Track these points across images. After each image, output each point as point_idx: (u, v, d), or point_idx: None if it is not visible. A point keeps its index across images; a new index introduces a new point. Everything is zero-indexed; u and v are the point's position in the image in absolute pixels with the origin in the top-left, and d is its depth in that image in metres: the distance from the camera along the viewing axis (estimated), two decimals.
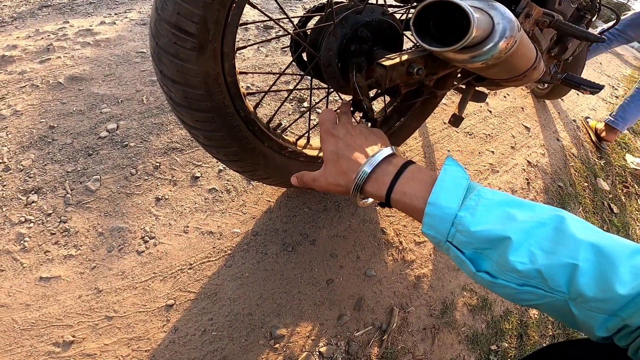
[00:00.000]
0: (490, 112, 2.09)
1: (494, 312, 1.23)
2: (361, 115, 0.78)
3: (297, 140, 0.95)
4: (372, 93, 0.91)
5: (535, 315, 1.30)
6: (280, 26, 0.71)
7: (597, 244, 0.38)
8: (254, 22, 0.71)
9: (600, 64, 4.82)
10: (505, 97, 2.33)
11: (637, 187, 2.37)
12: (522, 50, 0.57)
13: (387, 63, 0.64)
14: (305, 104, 1.44)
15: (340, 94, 0.88)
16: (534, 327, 1.26)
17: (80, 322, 0.87)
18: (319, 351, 0.96)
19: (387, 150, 0.55)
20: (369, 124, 0.74)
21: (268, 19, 0.68)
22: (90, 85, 1.37)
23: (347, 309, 1.06)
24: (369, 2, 0.76)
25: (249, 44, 0.79)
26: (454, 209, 0.43)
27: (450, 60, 0.55)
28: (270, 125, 0.85)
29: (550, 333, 1.28)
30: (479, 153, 1.75)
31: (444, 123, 1.79)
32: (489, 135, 1.91)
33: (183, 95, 0.60)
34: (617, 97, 3.65)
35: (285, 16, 0.72)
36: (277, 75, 0.83)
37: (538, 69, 0.77)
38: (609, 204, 2.06)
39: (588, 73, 4.04)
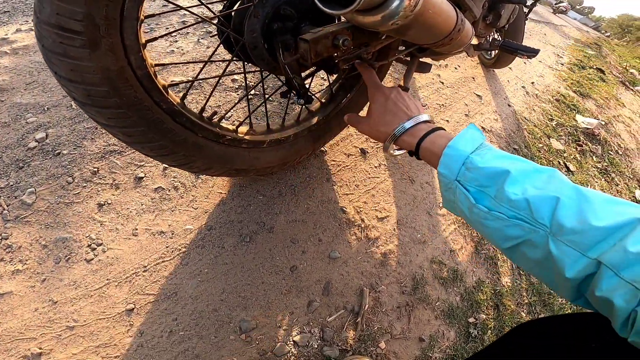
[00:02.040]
0: (443, 83, 2.11)
1: (466, 284, 1.24)
2: (294, 93, 0.75)
3: (237, 127, 0.91)
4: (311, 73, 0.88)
5: (508, 283, 1.32)
6: (192, 12, 0.69)
7: (579, 188, 0.45)
8: (161, 13, 0.68)
9: (545, 34, 5.02)
10: (456, 68, 2.36)
11: (590, 144, 2.47)
12: (433, 8, 0.57)
13: (309, 37, 0.63)
14: (252, 92, 1.39)
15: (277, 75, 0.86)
16: (509, 296, 1.28)
17: (43, 334, 0.84)
18: (293, 340, 0.95)
19: (425, 116, 0.71)
20: (302, 101, 0.72)
21: (178, 7, 0.66)
22: (12, 96, 1.26)
23: (315, 294, 1.03)
24: None
25: (161, 34, 0.74)
26: (467, 152, 0.52)
27: (366, 25, 0.53)
28: (203, 114, 0.81)
29: (526, 301, 1.30)
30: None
31: None
32: (443, 105, 1.93)
33: (85, 94, 0.57)
34: (562, 65, 3.80)
35: (200, 2, 0.70)
36: (204, 63, 0.80)
37: (464, 32, 0.77)
38: (565, 163, 2.14)
39: (534, 43, 4.19)
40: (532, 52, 1.37)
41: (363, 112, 1.54)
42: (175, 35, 1.50)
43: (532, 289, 1.34)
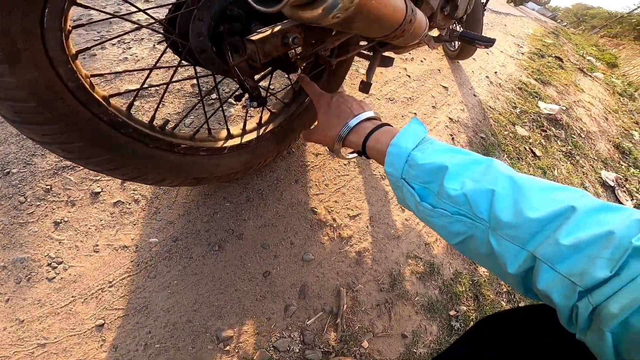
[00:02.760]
0: (409, 76, 2.12)
1: (443, 277, 1.24)
2: (247, 97, 0.73)
3: (194, 134, 0.88)
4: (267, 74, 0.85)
5: (486, 273, 1.33)
6: (125, 19, 0.65)
7: (514, 177, 0.44)
8: (89, 23, 0.64)
9: (505, 25, 5.17)
10: (422, 61, 2.38)
11: (554, 129, 2.55)
12: None
13: (255, 37, 0.61)
14: (214, 96, 1.34)
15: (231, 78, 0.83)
16: (487, 286, 1.28)
17: (16, 352, 0.82)
18: (273, 346, 0.93)
19: (370, 113, 0.70)
20: (255, 104, 0.69)
21: (111, 15, 0.63)
22: None
23: (292, 298, 1.02)
24: None
25: (94, 44, 0.71)
26: (409, 149, 0.52)
27: (308, 20, 0.51)
28: (154, 123, 0.78)
29: (505, 289, 1.32)
30: (402, 116, 1.77)
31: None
32: (410, 98, 1.94)
33: (12, 110, 0.54)
34: (523, 54, 3.92)
35: (138, 9, 0.67)
36: (149, 70, 0.76)
37: (417, 23, 0.76)
38: (531, 149, 2.20)
39: (495, 34, 4.30)
40: (488, 42, 1.41)
41: None
42: (129, 42, 1.43)
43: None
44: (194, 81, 1.20)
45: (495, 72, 2.87)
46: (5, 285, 0.90)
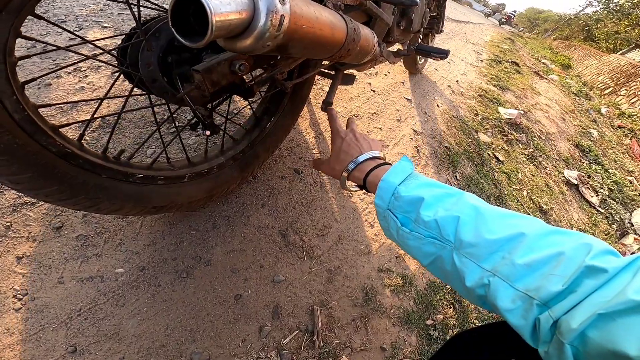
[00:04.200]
0: (374, 91, 2.17)
1: (417, 287, 1.26)
2: (200, 126, 0.74)
3: (152, 163, 0.87)
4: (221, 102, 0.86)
5: None
6: (71, 50, 0.66)
7: (478, 207, 0.51)
8: (34, 54, 0.65)
9: (465, 33, 5.36)
10: (386, 75, 2.44)
11: (515, 133, 2.66)
12: (308, 23, 0.55)
13: (200, 67, 0.62)
14: (201, 129, 1.33)
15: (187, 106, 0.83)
16: None
17: None
18: None
19: (375, 153, 0.78)
20: (207, 133, 0.70)
21: (56, 48, 0.64)
22: None
23: (265, 319, 1.02)
24: None
25: (41, 75, 0.70)
26: (396, 184, 0.59)
27: (242, 50, 0.51)
28: (106, 153, 0.77)
29: None
30: (368, 132, 1.81)
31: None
32: (375, 113, 1.98)
33: None
34: (482, 61, 4.08)
35: (84, 40, 0.68)
36: (100, 100, 0.76)
37: (363, 41, 0.78)
38: (494, 154, 2.28)
39: (455, 42, 4.47)
40: (443, 54, 1.49)
41: (295, 137, 1.56)
42: (85, 70, 1.40)
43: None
44: (139, 109, 1.19)
45: (457, 81, 2.97)
46: None
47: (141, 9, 0.72)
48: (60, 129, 0.67)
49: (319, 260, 1.18)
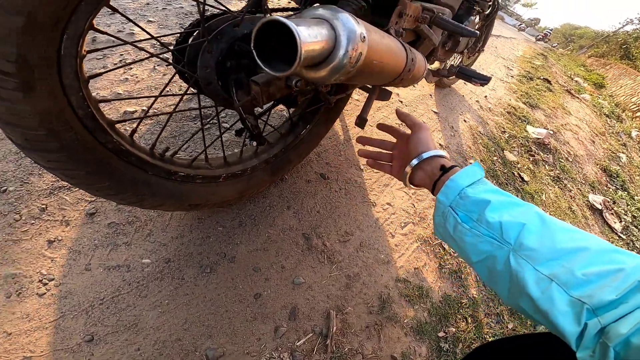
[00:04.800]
0: (402, 102, 2.17)
1: (432, 299, 1.26)
2: (247, 134, 0.75)
3: (192, 161, 0.89)
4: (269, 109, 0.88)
5: (475, 296, 1.35)
6: (140, 47, 0.66)
7: (545, 218, 0.53)
8: (105, 48, 0.64)
9: (496, 47, 5.28)
10: (414, 86, 2.43)
11: (542, 154, 2.61)
12: (378, 59, 0.57)
13: (260, 80, 0.63)
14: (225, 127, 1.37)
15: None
16: (477, 308, 1.30)
17: None
18: None
19: (443, 152, 0.77)
20: (254, 143, 0.71)
21: (123, 42, 0.63)
22: None
23: (282, 320, 1.03)
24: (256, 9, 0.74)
25: (104, 70, 0.71)
26: (464, 186, 0.62)
27: (312, 80, 0.53)
28: (154, 150, 0.79)
29: (494, 311, 1.33)
30: None
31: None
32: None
33: (23, 137, 0.54)
34: (512, 77, 4.01)
35: (151, 36, 0.68)
36: (155, 98, 0.78)
37: (416, 70, 0.80)
38: (519, 174, 2.24)
39: (485, 57, 4.41)
40: (485, 80, 1.46)
41: (324, 142, 1.57)
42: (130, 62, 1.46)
43: (498, 299, 1.37)
44: (188, 109, 1.23)
45: (485, 96, 2.94)
46: None
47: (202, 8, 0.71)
48: (116, 125, 0.68)
49: (339, 266, 1.19)
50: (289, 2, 2.70)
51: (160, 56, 0.75)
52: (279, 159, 1.08)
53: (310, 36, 0.43)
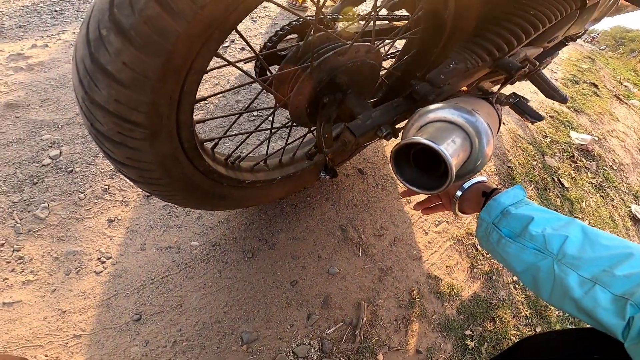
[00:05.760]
0: None
1: (462, 298, 1.27)
2: (323, 169, 0.78)
3: (253, 166, 0.90)
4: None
5: (504, 297, 1.35)
6: (243, 71, 0.63)
7: (587, 230, 0.57)
8: (215, 68, 0.58)
9: None
10: None
11: (584, 160, 2.51)
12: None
13: (358, 132, 0.63)
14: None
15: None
16: (505, 309, 1.30)
17: (50, 342, 0.88)
18: (293, 352, 0.98)
19: (476, 179, 0.81)
20: (328, 177, 0.75)
21: (228, 63, 0.58)
22: (27, 112, 1.31)
23: (315, 308, 1.07)
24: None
25: (208, 95, 0.68)
26: (506, 205, 0.67)
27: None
28: (228, 160, 0.81)
29: (523, 314, 1.33)
30: None
31: None
32: None
33: (138, 175, 0.56)
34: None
35: (256, 55, 0.65)
36: (238, 115, 0.78)
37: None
38: (559, 180, 2.18)
39: None
40: (537, 119, 1.38)
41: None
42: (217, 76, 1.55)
43: (528, 302, 1.36)
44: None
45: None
46: (54, 275, 0.98)
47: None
48: (205, 144, 0.69)
49: (373, 259, 1.23)
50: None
51: (256, 79, 0.68)
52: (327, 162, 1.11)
53: (453, 153, 0.54)
